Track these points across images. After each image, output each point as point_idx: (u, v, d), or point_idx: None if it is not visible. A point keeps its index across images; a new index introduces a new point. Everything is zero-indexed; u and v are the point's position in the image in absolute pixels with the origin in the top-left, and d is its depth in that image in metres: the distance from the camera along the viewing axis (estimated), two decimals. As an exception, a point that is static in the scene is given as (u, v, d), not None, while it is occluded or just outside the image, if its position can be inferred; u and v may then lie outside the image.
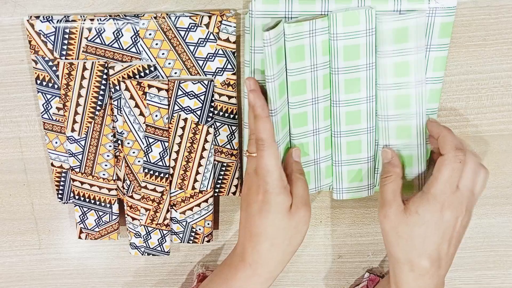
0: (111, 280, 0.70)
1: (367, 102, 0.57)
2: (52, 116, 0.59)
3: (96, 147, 0.59)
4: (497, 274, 0.70)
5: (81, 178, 0.61)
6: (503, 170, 0.64)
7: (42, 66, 0.57)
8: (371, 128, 0.58)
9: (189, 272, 0.70)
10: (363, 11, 0.53)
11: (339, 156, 0.59)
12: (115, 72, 0.56)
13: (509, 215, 0.67)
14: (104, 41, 0.56)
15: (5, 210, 0.66)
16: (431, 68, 0.56)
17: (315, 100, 0.56)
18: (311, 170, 0.60)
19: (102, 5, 0.56)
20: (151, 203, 0.61)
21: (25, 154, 0.63)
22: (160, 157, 0.59)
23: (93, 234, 0.64)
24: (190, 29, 0.56)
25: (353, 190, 0.61)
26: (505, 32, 0.58)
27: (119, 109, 0.58)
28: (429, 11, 0.54)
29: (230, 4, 0.56)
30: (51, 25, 0.55)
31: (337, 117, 0.57)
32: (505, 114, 0.61)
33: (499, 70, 0.59)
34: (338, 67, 0.55)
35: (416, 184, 0.59)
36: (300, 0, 0.53)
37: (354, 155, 0.59)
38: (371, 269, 0.70)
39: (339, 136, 0.58)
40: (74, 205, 0.62)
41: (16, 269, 0.70)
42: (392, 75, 0.55)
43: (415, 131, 0.57)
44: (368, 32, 0.53)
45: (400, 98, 0.56)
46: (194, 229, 0.63)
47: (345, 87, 0.56)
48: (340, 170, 0.60)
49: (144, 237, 0.63)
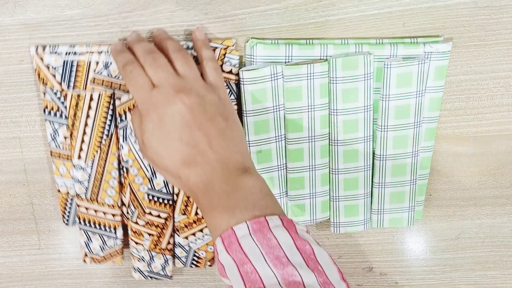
0: (111, 280, 0.70)
1: (364, 142, 0.59)
2: (60, 144, 0.60)
3: (101, 174, 0.60)
4: (497, 275, 0.70)
5: (86, 204, 0.62)
6: (503, 170, 0.64)
7: (50, 97, 0.58)
8: (368, 167, 0.61)
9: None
10: (361, 56, 0.55)
11: (336, 192, 0.61)
12: (121, 102, 0.58)
13: (509, 215, 0.67)
14: (111, 73, 0.57)
15: (5, 210, 0.66)
16: (426, 108, 0.59)
17: (312, 139, 0.59)
18: (306, 203, 0.62)
19: (102, 5, 0.56)
20: (155, 229, 0.62)
21: (25, 154, 0.63)
22: (164, 184, 0.60)
23: (98, 258, 0.65)
24: (195, 61, 0.56)
25: (350, 225, 0.63)
26: (505, 32, 0.58)
27: (125, 138, 0.59)
28: (425, 55, 0.56)
29: (229, 4, 0.56)
30: (59, 58, 0.57)
31: (335, 155, 0.60)
32: (505, 115, 0.62)
33: (499, 70, 0.59)
34: (337, 108, 0.57)
35: (406, 218, 0.63)
36: (300, 46, 0.56)
37: (350, 191, 0.61)
38: (371, 269, 0.70)
39: (336, 173, 0.60)
40: (80, 229, 0.63)
41: (16, 269, 0.70)
42: (393, 117, 0.58)
43: (410, 169, 0.60)
44: (367, 76, 0.56)
45: (398, 139, 0.59)
46: (197, 254, 0.65)
47: (344, 127, 0.58)
48: (337, 205, 0.62)
49: (147, 261, 0.64)
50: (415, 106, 0.57)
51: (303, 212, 0.62)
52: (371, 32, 0.57)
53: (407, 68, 0.55)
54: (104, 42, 0.57)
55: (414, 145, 0.59)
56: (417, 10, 0.56)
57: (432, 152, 0.61)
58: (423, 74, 0.56)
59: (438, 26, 0.57)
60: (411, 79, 0.56)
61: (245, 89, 0.56)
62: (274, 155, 0.60)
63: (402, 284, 0.71)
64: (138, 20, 0.57)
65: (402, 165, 0.60)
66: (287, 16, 0.57)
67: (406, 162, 0.60)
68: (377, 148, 0.59)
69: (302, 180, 0.61)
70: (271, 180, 0.61)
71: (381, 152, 0.59)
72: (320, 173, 0.61)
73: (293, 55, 0.56)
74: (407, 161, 0.60)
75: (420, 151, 0.60)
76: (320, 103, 0.57)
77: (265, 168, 0.60)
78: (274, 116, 0.58)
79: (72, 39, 0.57)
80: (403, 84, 0.56)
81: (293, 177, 0.60)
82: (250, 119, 0.57)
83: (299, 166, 0.60)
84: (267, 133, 0.58)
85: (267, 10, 0.56)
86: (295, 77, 0.56)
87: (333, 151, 0.59)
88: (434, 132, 0.60)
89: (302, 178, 0.60)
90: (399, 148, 0.59)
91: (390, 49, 0.56)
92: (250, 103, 0.57)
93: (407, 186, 0.61)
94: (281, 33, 0.57)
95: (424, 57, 0.56)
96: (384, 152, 0.59)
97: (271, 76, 0.56)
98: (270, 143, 0.59)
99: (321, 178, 0.61)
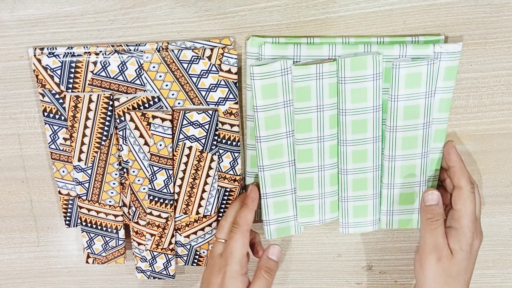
0: (110, 277, 0.70)
1: (373, 142, 0.59)
2: (59, 146, 0.60)
3: (102, 176, 0.61)
4: (496, 273, 0.70)
5: (88, 205, 0.62)
6: (503, 169, 0.64)
7: (49, 99, 0.58)
8: (377, 167, 0.60)
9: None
10: (370, 56, 0.55)
11: (345, 193, 0.61)
12: (120, 103, 0.58)
13: (508, 214, 0.67)
14: (109, 74, 0.57)
15: (4, 207, 0.66)
16: (436, 109, 0.58)
17: (321, 139, 0.59)
18: (315, 203, 0.62)
19: (102, 1, 0.56)
20: (156, 229, 0.63)
21: (24, 151, 0.63)
22: (165, 184, 0.60)
23: (100, 259, 0.65)
24: (193, 61, 0.57)
25: (358, 225, 0.63)
26: (506, 30, 0.58)
27: (124, 138, 0.59)
28: (434, 55, 0.56)
29: (230, 1, 0.56)
30: (57, 59, 0.57)
31: (344, 156, 0.59)
32: (505, 113, 0.61)
33: (499, 68, 0.59)
34: (346, 108, 0.57)
35: (415, 219, 0.63)
36: (308, 45, 0.56)
37: (360, 192, 0.61)
38: (371, 267, 0.70)
39: (345, 174, 0.60)
40: (82, 231, 0.63)
41: (15, 266, 0.69)
42: (402, 118, 0.57)
43: (419, 170, 0.60)
44: (376, 76, 0.56)
45: (407, 140, 0.58)
46: (198, 252, 0.65)
47: (352, 127, 0.58)
48: (346, 206, 0.62)
49: (150, 261, 0.64)
50: (425, 107, 0.57)
51: (311, 213, 0.62)
52: (372, 30, 0.57)
53: (416, 68, 0.55)
54: (103, 40, 0.57)
55: (423, 146, 0.59)
56: (418, 7, 0.56)
57: (442, 153, 0.61)
58: (433, 75, 0.56)
59: (438, 24, 0.57)
60: (420, 80, 0.56)
61: (255, 84, 0.56)
62: (285, 150, 0.59)
63: (401, 282, 0.71)
64: (138, 16, 0.57)
65: (411, 166, 0.60)
66: (288, 13, 0.56)
67: (415, 163, 0.59)
68: (386, 148, 0.59)
69: (311, 181, 0.60)
70: (283, 176, 0.60)
71: (390, 152, 0.59)
72: (329, 173, 0.60)
73: (301, 54, 0.56)
74: (417, 162, 0.59)
75: (430, 152, 0.60)
76: (329, 103, 0.57)
77: (276, 164, 0.60)
78: (285, 111, 0.58)
79: (71, 35, 0.57)
80: (412, 85, 0.56)
81: (302, 177, 0.60)
82: (261, 115, 0.57)
83: (308, 167, 0.60)
84: (278, 128, 0.58)
85: (267, 7, 0.56)
86: (304, 77, 0.56)
87: (342, 151, 0.59)
88: (444, 133, 0.59)
89: (311, 178, 0.60)
90: (408, 149, 0.59)
91: (399, 49, 0.56)
92: (261, 98, 0.56)
93: (416, 187, 0.61)
94: (281, 30, 0.57)
95: (433, 58, 0.56)
96: (393, 153, 0.59)
97: (281, 71, 0.56)
98: (281, 138, 0.59)
99: (330, 178, 0.61)
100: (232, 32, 0.57)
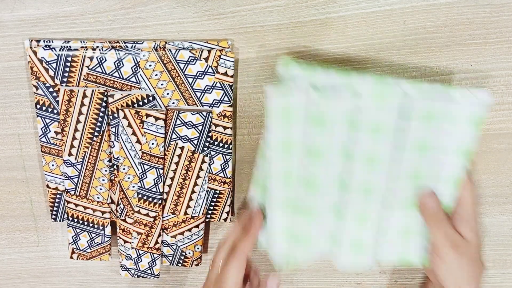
0: (109, 277, 0.70)
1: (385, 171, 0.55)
2: (50, 139, 0.60)
3: (92, 171, 0.61)
4: (496, 273, 0.70)
5: (75, 200, 0.62)
6: (503, 169, 0.64)
7: (43, 91, 0.58)
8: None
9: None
10: (392, 88, 0.52)
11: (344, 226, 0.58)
12: (114, 100, 0.58)
13: (508, 214, 0.67)
14: (105, 70, 0.57)
15: (4, 207, 0.66)
16: (454, 152, 0.55)
17: (329, 165, 0.55)
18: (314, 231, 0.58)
19: (102, 1, 0.56)
20: (143, 227, 0.62)
21: (24, 151, 0.63)
22: (154, 183, 0.60)
23: (85, 255, 0.65)
24: (190, 62, 0.57)
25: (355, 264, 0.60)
26: (506, 30, 0.58)
27: (117, 135, 0.59)
28: (460, 99, 0.53)
29: (230, 1, 0.56)
30: (53, 52, 0.56)
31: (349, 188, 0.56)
32: (505, 113, 0.61)
33: (499, 68, 0.59)
34: (360, 139, 0.54)
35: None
36: (337, 73, 0.52)
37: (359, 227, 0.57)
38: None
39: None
40: (68, 226, 0.63)
41: (15, 266, 0.69)
42: (415, 150, 0.54)
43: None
44: (395, 109, 0.53)
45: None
46: (184, 253, 0.65)
47: (363, 162, 0.54)
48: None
49: (135, 259, 0.64)
50: (438, 144, 0.54)
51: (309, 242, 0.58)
52: (372, 30, 0.57)
53: (435, 104, 0.53)
54: (104, 38, 0.57)
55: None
56: (418, 7, 0.56)
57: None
58: (450, 113, 0.53)
59: (438, 24, 0.57)
60: (435, 116, 0.53)
61: (273, 108, 0.52)
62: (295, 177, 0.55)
63: (401, 282, 0.71)
64: (138, 16, 0.57)
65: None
66: (288, 13, 0.56)
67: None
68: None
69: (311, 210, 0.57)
70: (293, 203, 0.56)
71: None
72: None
73: (328, 81, 0.52)
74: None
75: (443, 197, 0.57)
76: (342, 130, 0.54)
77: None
78: (298, 139, 0.53)
79: (71, 35, 0.57)
80: (429, 119, 0.53)
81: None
82: (274, 138, 0.53)
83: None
84: (289, 154, 0.54)
85: (267, 7, 0.56)
86: (321, 103, 0.52)
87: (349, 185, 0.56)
88: (458, 180, 0.56)
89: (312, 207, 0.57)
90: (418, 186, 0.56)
91: (426, 86, 0.53)
92: (277, 123, 0.52)
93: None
94: (281, 30, 0.57)
95: (453, 97, 0.53)
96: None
97: (304, 104, 0.52)
98: (292, 165, 0.55)
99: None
100: (232, 32, 0.57)
